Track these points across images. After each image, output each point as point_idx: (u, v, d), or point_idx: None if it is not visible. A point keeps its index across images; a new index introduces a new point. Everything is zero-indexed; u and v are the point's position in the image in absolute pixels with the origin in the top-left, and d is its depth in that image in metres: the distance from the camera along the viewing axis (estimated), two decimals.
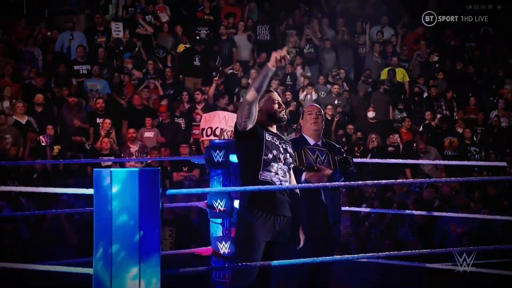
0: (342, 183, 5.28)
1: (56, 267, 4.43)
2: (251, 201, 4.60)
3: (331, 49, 14.54)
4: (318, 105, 5.63)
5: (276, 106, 4.75)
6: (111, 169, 3.82)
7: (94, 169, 3.83)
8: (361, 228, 8.75)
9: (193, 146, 11.40)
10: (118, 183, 3.77)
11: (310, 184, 5.01)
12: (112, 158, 10.80)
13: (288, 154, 4.74)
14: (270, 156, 4.63)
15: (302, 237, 4.82)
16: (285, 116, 4.79)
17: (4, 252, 8.24)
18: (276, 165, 4.65)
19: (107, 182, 3.76)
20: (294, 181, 4.90)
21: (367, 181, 4.51)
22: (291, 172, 4.83)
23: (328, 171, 5.18)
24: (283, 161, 4.69)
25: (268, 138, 4.66)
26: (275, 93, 4.87)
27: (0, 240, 8.46)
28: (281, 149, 4.70)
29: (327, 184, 5.07)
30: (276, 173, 4.64)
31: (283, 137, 4.90)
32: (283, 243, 4.67)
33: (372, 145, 12.01)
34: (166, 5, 14.62)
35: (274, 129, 4.80)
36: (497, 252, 5.65)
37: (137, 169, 3.82)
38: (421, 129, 12.79)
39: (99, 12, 14.04)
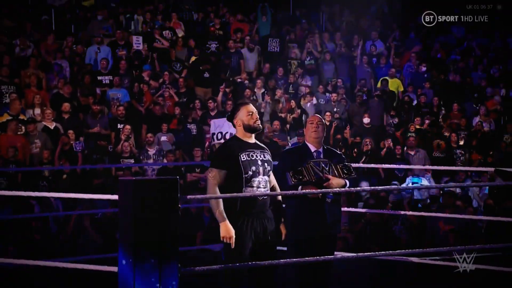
0: (343, 189, 5.24)
1: (83, 265, 4.40)
2: (237, 209, 4.58)
3: (330, 61, 14.52)
4: (319, 115, 5.58)
5: (250, 117, 4.72)
6: (134, 178, 3.80)
7: (119, 178, 3.81)
8: (357, 225, 8.72)
9: (207, 149, 11.40)
10: (140, 192, 3.75)
11: (313, 190, 4.97)
12: (132, 160, 10.80)
13: (266, 164, 4.73)
14: (250, 173, 4.64)
15: (283, 231, 4.85)
16: (259, 126, 4.76)
17: (35, 247, 8.26)
18: (257, 179, 4.66)
19: (131, 191, 3.74)
20: (274, 182, 4.91)
21: (365, 187, 4.48)
22: (271, 176, 4.83)
23: (341, 181, 5.17)
24: (262, 173, 4.69)
25: (243, 158, 4.64)
26: (250, 105, 4.83)
27: (31, 235, 8.47)
28: (259, 161, 4.69)
29: (329, 190, 5.04)
30: (258, 187, 4.66)
31: (260, 145, 4.84)
32: (271, 242, 4.67)
33: (366, 148, 11.99)
34: (180, 21, 14.61)
35: (252, 138, 4.78)
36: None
37: (158, 179, 3.80)
38: (411, 133, 12.75)
39: (120, 28, 14.04)
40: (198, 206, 8.92)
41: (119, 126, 11.49)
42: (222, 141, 10.53)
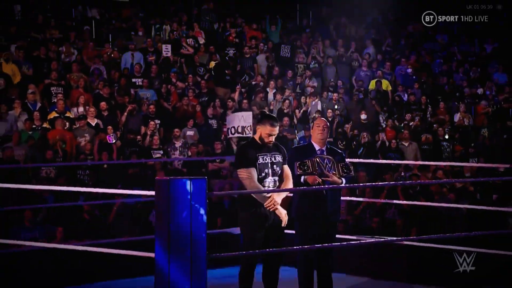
0: (346, 185, 5.23)
1: (126, 251, 4.43)
2: (250, 203, 4.68)
3: (332, 64, 14.48)
4: (325, 119, 5.53)
5: (268, 137, 4.73)
6: (169, 178, 3.80)
7: (156, 178, 3.83)
8: (356, 209, 8.68)
9: (224, 142, 11.41)
10: (175, 190, 3.76)
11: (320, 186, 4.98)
12: (161, 152, 10.85)
13: (275, 165, 4.78)
14: (263, 174, 4.72)
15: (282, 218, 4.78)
16: (270, 145, 4.76)
17: (82, 227, 8.33)
18: (267, 180, 4.74)
19: (166, 190, 3.75)
20: (288, 172, 4.87)
21: (366, 184, 4.47)
22: (285, 170, 4.84)
23: (338, 181, 5.14)
24: (271, 174, 4.75)
25: (260, 161, 4.71)
26: (276, 128, 4.78)
27: (78, 218, 8.54)
28: (269, 164, 4.75)
29: (333, 186, 5.04)
30: (268, 187, 4.73)
31: (274, 146, 4.83)
32: (279, 226, 4.74)
33: (363, 141, 12.01)
34: (201, 30, 14.57)
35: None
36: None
37: (189, 178, 3.81)
38: (403, 128, 12.70)
39: (150, 36, 14.04)
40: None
41: (149, 122, 11.49)
42: (236, 135, 10.47)
